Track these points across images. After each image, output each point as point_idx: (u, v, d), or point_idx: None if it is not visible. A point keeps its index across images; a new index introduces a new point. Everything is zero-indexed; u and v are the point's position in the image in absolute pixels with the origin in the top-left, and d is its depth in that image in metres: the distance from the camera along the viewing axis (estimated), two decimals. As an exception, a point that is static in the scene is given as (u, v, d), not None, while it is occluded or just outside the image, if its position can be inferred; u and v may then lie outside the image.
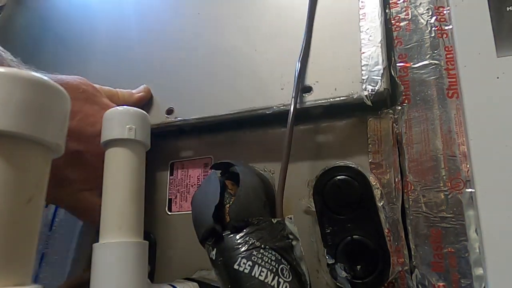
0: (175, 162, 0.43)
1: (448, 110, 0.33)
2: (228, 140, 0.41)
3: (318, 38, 0.38)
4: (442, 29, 0.35)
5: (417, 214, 0.32)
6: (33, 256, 0.17)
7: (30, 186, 0.16)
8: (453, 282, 0.29)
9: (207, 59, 0.43)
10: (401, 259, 0.31)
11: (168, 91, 0.43)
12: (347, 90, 0.34)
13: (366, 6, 0.37)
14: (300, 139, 0.37)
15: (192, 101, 0.41)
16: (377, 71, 0.34)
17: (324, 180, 0.33)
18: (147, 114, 0.32)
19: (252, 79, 0.39)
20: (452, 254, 0.30)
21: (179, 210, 0.41)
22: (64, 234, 0.44)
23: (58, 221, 0.44)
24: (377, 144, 0.34)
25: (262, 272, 0.27)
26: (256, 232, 0.28)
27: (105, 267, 0.25)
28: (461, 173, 0.31)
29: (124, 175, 0.27)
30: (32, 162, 0.16)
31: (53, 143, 0.17)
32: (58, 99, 0.17)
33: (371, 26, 0.36)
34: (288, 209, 0.35)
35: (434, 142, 0.33)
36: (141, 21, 0.49)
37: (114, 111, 0.28)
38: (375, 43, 0.35)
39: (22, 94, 0.15)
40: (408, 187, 0.33)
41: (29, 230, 0.16)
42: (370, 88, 0.33)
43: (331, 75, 0.36)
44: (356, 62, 0.35)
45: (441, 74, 0.34)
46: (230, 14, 0.44)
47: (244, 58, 0.41)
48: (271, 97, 0.37)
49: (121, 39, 0.49)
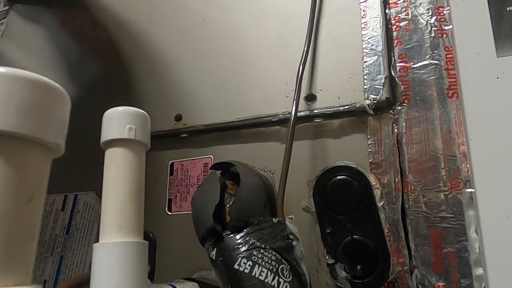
0: (175, 162, 0.43)
1: (448, 110, 0.33)
2: (228, 140, 0.41)
3: (321, 47, 0.39)
4: (442, 29, 0.35)
5: (417, 214, 0.32)
6: (33, 256, 0.17)
7: (30, 186, 0.16)
8: (453, 282, 0.29)
9: (214, 67, 0.44)
10: (401, 259, 0.31)
11: (176, 98, 0.44)
12: (350, 98, 0.36)
13: (367, 15, 0.38)
14: (300, 139, 0.37)
15: (200, 108, 0.43)
16: (379, 80, 0.35)
17: (324, 180, 0.33)
18: (149, 116, 0.32)
19: (258, 87, 0.41)
20: (452, 254, 0.30)
21: (179, 210, 0.41)
22: (81, 237, 0.44)
23: (74, 224, 0.45)
24: (377, 144, 0.35)
25: (262, 272, 0.27)
26: (256, 232, 0.28)
27: (105, 267, 0.25)
28: (461, 173, 0.31)
29: (124, 175, 0.27)
30: (32, 162, 0.16)
31: (53, 143, 0.17)
32: (58, 99, 0.17)
33: (372, 35, 0.37)
34: (288, 209, 0.35)
35: (434, 142, 0.33)
36: (150, 27, 0.50)
37: (114, 111, 0.27)
38: (377, 52, 0.36)
39: (22, 94, 0.15)
40: (408, 187, 0.33)
41: (30, 230, 0.16)
42: (372, 97, 0.35)
43: (334, 84, 0.37)
44: (359, 71, 0.36)
45: (441, 74, 0.34)
46: (237, 22, 0.45)
47: (250, 66, 0.42)
48: (276, 104, 0.39)
49: (130, 45, 0.50)
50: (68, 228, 0.45)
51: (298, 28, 0.40)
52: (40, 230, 0.46)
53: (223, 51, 0.44)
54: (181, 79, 0.45)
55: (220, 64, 0.44)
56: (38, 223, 0.17)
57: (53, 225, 0.46)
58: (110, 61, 0.51)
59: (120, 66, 0.50)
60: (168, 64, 0.47)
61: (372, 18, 0.38)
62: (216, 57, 0.44)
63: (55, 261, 0.44)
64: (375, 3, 0.38)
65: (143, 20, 0.51)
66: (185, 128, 0.42)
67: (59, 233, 0.45)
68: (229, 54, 0.44)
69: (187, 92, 0.44)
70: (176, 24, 0.49)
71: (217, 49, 0.45)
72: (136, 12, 0.52)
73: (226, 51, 0.44)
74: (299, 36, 0.39)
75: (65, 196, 0.46)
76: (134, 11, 0.52)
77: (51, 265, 0.44)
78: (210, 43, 0.45)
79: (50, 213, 0.46)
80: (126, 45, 0.51)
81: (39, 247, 0.45)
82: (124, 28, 0.52)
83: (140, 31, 0.51)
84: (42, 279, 0.44)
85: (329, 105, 0.36)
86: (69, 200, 0.46)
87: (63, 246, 0.44)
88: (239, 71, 0.42)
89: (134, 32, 0.51)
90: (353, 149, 0.35)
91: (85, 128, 0.37)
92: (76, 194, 0.46)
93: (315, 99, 0.37)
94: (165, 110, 0.44)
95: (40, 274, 0.44)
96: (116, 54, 0.51)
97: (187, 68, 0.45)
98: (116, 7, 0.54)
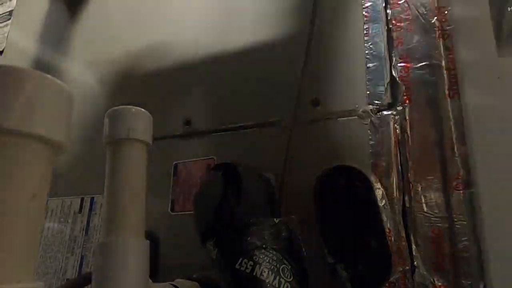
0: (178, 163, 0.44)
1: (448, 110, 0.33)
2: (231, 141, 0.42)
3: (325, 52, 0.40)
4: (443, 29, 0.35)
5: (418, 214, 0.32)
6: (36, 252, 0.17)
7: (33, 183, 0.16)
8: (454, 282, 0.29)
9: (222, 72, 0.45)
10: (402, 259, 0.31)
11: (185, 102, 0.45)
12: (353, 103, 0.36)
13: (370, 20, 0.38)
14: (301, 139, 0.37)
15: (208, 112, 0.44)
16: (381, 86, 0.36)
17: (326, 180, 0.33)
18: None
19: (264, 92, 0.42)
20: (452, 254, 0.30)
21: (181, 210, 0.41)
22: (99, 238, 0.45)
23: (93, 226, 0.46)
24: (378, 144, 0.35)
25: (263, 272, 0.27)
26: (257, 232, 0.28)
27: (106, 266, 0.25)
28: (462, 173, 0.31)
29: (126, 175, 0.27)
30: (36, 159, 0.16)
31: (56, 140, 0.17)
32: (61, 97, 0.17)
33: (374, 41, 0.37)
34: (289, 209, 0.35)
35: (435, 143, 0.33)
36: (157, 32, 0.51)
37: (117, 110, 0.28)
38: (379, 57, 0.37)
39: (26, 91, 0.16)
40: (409, 187, 0.33)
41: (33, 227, 0.17)
42: (375, 103, 0.35)
43: (338, 89, 0.38)
44: (362, 76, 0.37)
45: (441, 75, 0.34)
46: (246, 28, 0.46)
47: (256, 72, 0.43)
48: (282, 109, 0.40)
49: (139, 50, 0.51)
50: (86, 229, 0.46)
51: (303, 34, 0.41)
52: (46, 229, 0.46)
53: (230, 57, 0.45)
54: (189, 83, 0.46)
55: (228, 70, 0.44)
56: (42, 219, 0.17)
57: (72, 226, 0.47)
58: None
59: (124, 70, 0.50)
60: (177, 68, 0.47)
61: (374, 24, 0.38)
62: (224, 62, 0.45)
63: (77, 261, 0.46)
64: (377, 8, 0.38)
65: (153, 24, 0.52)
66: (194, 132, 0.43)
67: (78, 234, 0.47)
68: (237, 60, 0.44)
69: (196, 97, 0.45)
70: (184, 30, 0.49)
71: (225, 55, 0.45)
72: (143, 17, 0.53)
73: (234, 57, 0.45)
74: (303, 40, 0.40)
75: (82, 199, 0.47)
76: (142, 16, 0.53)
77: (73, 264, 0.45)
78: (218, 47, 0.46)
79: (68, 215, 0.47)
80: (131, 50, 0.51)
81: (60, 247, 0.46)
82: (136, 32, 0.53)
83: (152, 34, 0.51)
84: (65, 277, 0.45)
85: (333, 109, 0.37)
86: (86, 203, 0.47)
87: (83, 247, 0.46)
88: (247, 78, 0.43)
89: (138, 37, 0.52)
90: (355, 150, 0.35)
91: (102, 130, 0.38)
92: (93, 197, 0.47)
93: (320, 103, 0.38)
94: (174, 114, 0.45)
95: (62, 273, 0.45)
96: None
97: (196, 74, 0.46)
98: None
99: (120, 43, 0.53)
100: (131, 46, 0.52)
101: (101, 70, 0.53)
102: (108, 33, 0.55)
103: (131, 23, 0.54)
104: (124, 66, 0.52)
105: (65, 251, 0.46)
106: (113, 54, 0.53)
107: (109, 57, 0.53)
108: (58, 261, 0.46)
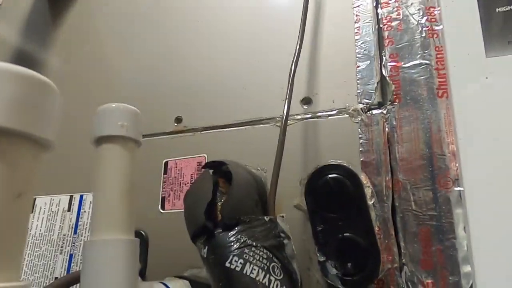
0: (169, 161, 0.43)
1: (438, 110, 0.33)
2: (221, 138, 0.42)
3: (317, 51, 0.40)
4: (433, 29, 0.36)
5: (406, 212, 0.32)
6: (22, 252, 0.17)
7: (19, 182, 0.16)
8: (441, 279, 0.30)
9: (213, 70, 0.45)
10: (390, 256, 0.32)
11: (176, 100, 0.45)
12: (343, 102, 0.37)
13: (360, 19, 0.39)
14: (292, 137, 0.37)
15: (200, 110, 0.44)
16: (371, 85, 0.36)
17: (316, 178, 0.34)
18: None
19: (256, 90, 0.42)
20: (440, 251, 0.30)
21: (172, 208, 0.41)
22: (88, 236, 0.45)
23: (82, 224, 0.46)
24: (368, 143, 0.35)
25: (253, 270, 0.27)
26: (248, 230, 0.28)
27: (95, 265, 0.25)
28: (450, 171, 0.31)
29: (115, 172, 0.27)
30: (22, 157, 0.16)
31: (43, 138, 0.17)
32: (48, 94, 0.17)
33: (365, 40, 0.38)
34: (280, 207, 0.36)
35: (424, 141, 0.33)
36: (151, 31, 0.51)
37: (106, 107, 0.27)
38: (369, 56, 0.37)
39: (12, 88, 0.15)
40: (398, 185, 0.33)
41: (19, 226, 0.16)
42: (365, 102, 0.36)
43: (329, 88, 0.38)
44: (352, 76, 0.37)
45: (431, 74, 0.35)
46: (236, 27, 0.46)
47: (247, 71, 0.43)
48: (273, 107, 0.40)
49: (132, 48, 0.50)
50: (75, 228, 0.46)
51: (295, 32, 0.40)
52: (31, 227, 0.46)
53: (222, 55, 0.45)
54: (181, 81, 0.46)
55: (219, 67, 0.44)
56: (28, 218, 0.17)
57: (60, 224, 0.46)
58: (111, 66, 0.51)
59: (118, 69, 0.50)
60: (168, 66, 0.47)
61: (365, 23, 0.38)
62: (215, 60, 0.45)
63: (65, 260, 0.45)
64: (367, 8, 0.39)
65: (143, 21, 0.51)
66: (186, 130, 0.43)
67: (67, 232, 0.46)
68: (229, 58, 0.44)
69: (187, 95, 0.45)
70: (177, 28, 0.49)
71: (217, 53, 0.45)
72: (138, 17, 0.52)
73: (226, 55, 0.45)
74: (295, 40, 0.40)
75: (71, 197, 0.47)
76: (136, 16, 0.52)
77: (61, 263, 0.45)
78: (210, 46, 0.46)
79: (56, 213, 0.47)
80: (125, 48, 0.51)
81: (48, 246, 0.46)
82: (124, 28, 0.52)
83: (141, 32, 0.51)
84: (53, 276, 0.44)
85: (324, 108, 0.38)
86: (75, 201, 0.47)
87: (72, 245, 0.45)
88: (238, 75, 0.43)
89: (135, 33, 0.51)
90: (345, 148, 0.36)
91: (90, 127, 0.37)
92: (82, 195, 0.46)
93: (311, 102, 0.38)
94: (165, 112, 0.45)
95: (51, 272, 0.45)
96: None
97: (188, 72, 0.46)
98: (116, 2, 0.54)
99: (107, 38, 0.53)
100: (119, 41, 0.52)
101: (88, 66, 0.53)
102: (94, 30, 0.54)
103: (115, 18, 0.53)
104: (114, 63, 0.51)
105: (53, 249, 0.45)
106: (100, 51, 0.53)
107: (96, 54, 0.53)
108: (47, 260, 0.45)
